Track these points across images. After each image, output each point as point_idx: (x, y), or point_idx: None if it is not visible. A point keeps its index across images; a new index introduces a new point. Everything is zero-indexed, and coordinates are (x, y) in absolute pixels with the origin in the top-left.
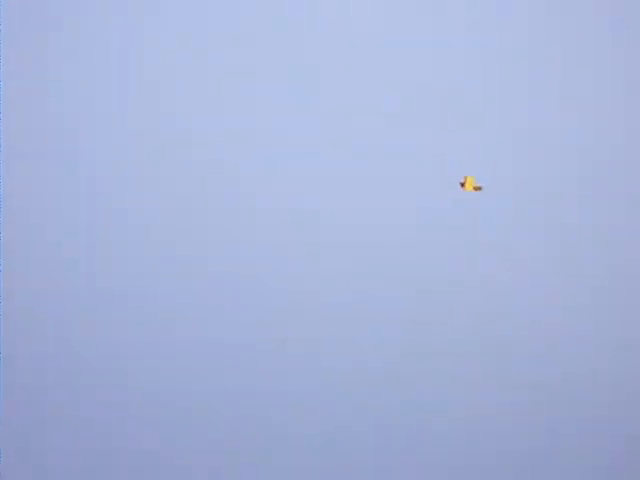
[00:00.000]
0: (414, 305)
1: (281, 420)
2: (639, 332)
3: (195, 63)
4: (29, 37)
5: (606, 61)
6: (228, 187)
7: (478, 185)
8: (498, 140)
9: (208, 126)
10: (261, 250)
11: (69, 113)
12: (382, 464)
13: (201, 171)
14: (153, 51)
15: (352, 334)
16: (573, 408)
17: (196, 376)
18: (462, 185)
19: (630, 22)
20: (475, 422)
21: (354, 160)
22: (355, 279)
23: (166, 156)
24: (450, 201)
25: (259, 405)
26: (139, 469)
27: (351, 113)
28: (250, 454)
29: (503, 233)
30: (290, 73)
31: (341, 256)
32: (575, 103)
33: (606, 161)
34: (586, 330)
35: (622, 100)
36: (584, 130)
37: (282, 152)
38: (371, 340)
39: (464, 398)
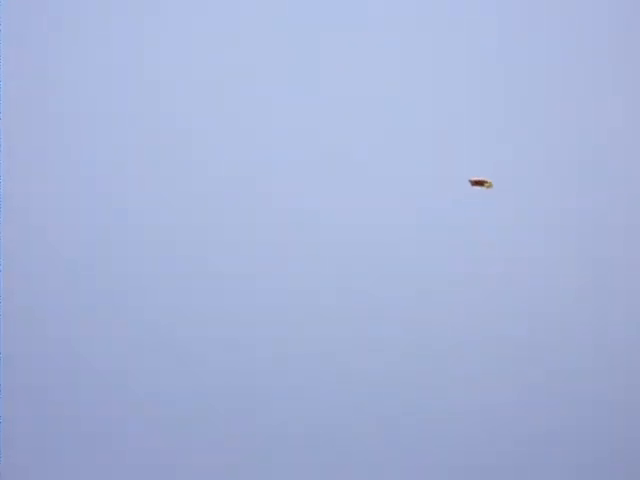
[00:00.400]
0: (414, 305)
1: (281, 420)
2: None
3: (196, 63)
4: (29, 37)
5: (607, 54)
6: (228, 187)
7: (488, 181)
8: (498, 140)
9: (208, 126)
10: (261, 250)
11: (69, 113)
12: (382, 464)
13: (201, 172)
14: (153, 51)
15: (352, 334)
16: (573, 408)
17: (196, 376)
18: (478, 183)
19: (631, 21)
20: (475, 422)
21: (354, 160)
22: (355, 279)
23: (167, 156)
24: (450, 201)
25: (258, 404)
26: (139, 469)
27: (351, 113)
28: (250, 454)
29: (504, 233)
30: (290, 73)
31: (341, 256)
32: (576, 101)
33: (607, 162)
34: (587, 330)
35: (622, 97)
36: (586, 131)
37: (282, 152)
38: (371, 340)
39: (464, 398)
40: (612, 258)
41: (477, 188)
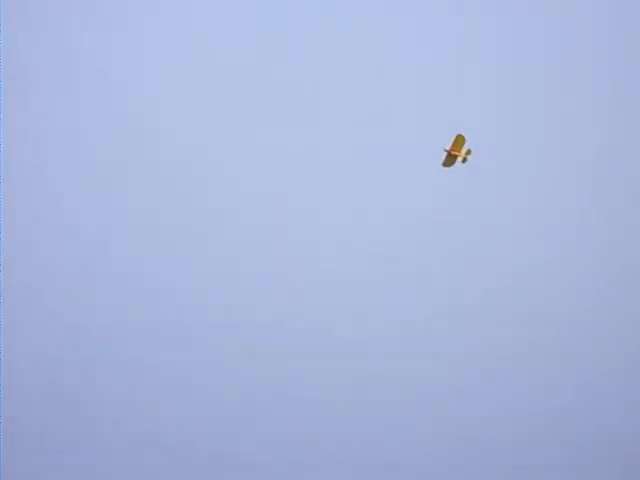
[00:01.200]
0: (415, 305)
1: (281, 420)
2: None
3: (197, 64)
4: (29, 39)
5: (607, 54)
6: (229, 187)
7: (458, 146)
8: (498, 137)
9: (209, 128)
10: (261, 250)
11: (69, 113)
12: (383, 464)
13: (201, 173)
14: (154, 52)
15: (353, 333)
16: (575, 408)
17: (197, 378)
18: (454, 151)
19: (631, 21)
20: (476, 423)
21: (352, 158)
22: (355, 279)
23: (167, 157)
24: (450, 200)
25: (258, 405)
26: (138, 469)
27: (350, 110)
28: (249, 455)
29: (505, 232)
30: (287, 72)
31: (341, 255)
32: (576, 101)
33: (607, 162)
34: (588, 329)
35: (622, 97)
36: (586, 131)
37: (280, 154)
38: (371, 339)
39: (465, 399)
40: (612, 258)
41: (458, 164)
